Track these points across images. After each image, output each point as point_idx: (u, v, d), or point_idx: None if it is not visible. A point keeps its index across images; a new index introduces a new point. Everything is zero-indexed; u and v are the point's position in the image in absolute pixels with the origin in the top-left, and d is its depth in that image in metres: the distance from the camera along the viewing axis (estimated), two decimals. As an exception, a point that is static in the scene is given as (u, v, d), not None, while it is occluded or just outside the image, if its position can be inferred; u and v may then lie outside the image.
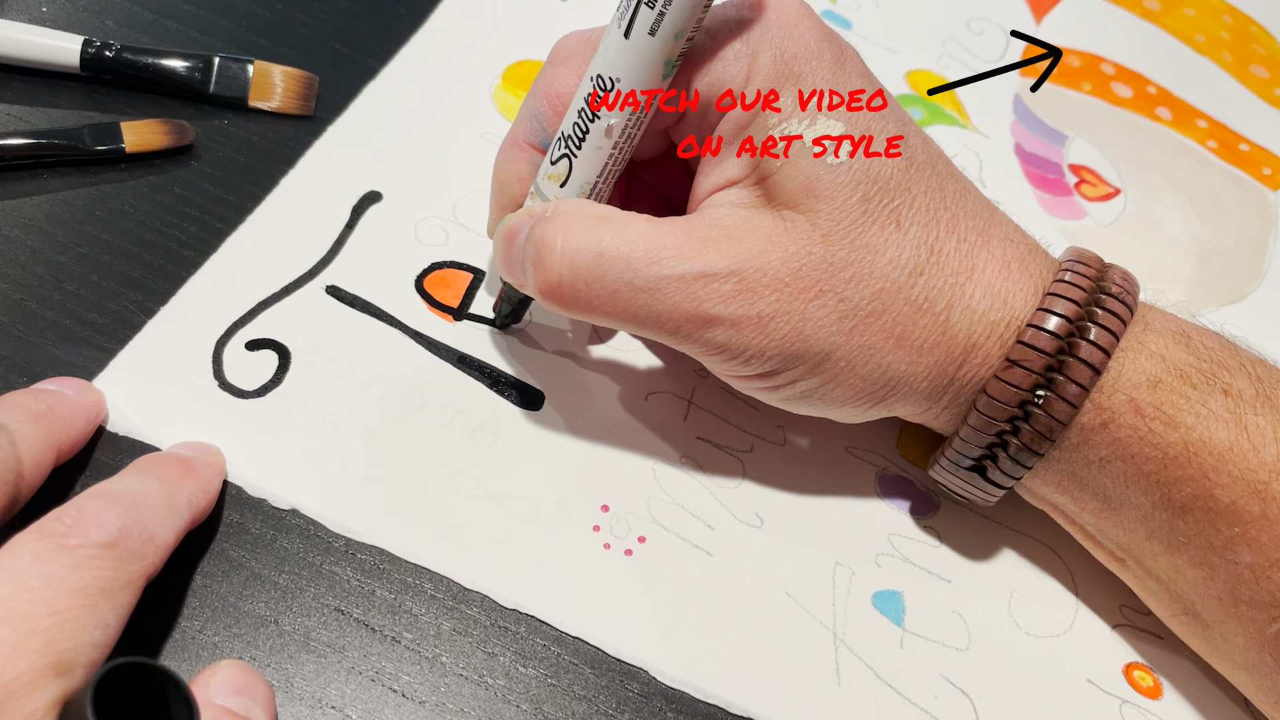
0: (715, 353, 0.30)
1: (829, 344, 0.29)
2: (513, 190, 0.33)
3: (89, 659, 0.23)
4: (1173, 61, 0.52)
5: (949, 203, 0.30)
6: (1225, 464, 0.28)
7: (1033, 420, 0.29)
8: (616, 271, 0.29)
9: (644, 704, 0.30)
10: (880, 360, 0.30)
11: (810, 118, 0.29)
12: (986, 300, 0.30)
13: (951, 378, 0.30)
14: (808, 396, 0.31)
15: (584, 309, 0.30)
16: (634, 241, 0.29)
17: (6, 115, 0.37)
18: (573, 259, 0.29)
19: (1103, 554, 0.33)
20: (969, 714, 0.31)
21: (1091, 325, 0.29)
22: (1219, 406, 0.29)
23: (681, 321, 0.29)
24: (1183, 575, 0.30)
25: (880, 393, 0.31)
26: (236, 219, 0.36)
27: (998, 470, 0.31)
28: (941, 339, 0.30)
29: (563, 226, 0.29)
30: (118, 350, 0.33)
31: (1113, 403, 0.29)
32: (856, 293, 0.29)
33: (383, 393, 0.34)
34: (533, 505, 0.32)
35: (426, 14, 0.44)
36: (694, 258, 0.29)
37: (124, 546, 0.25)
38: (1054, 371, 0.29)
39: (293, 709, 0.28)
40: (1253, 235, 0.46)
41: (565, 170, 0.30)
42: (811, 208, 0.29)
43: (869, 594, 0.33)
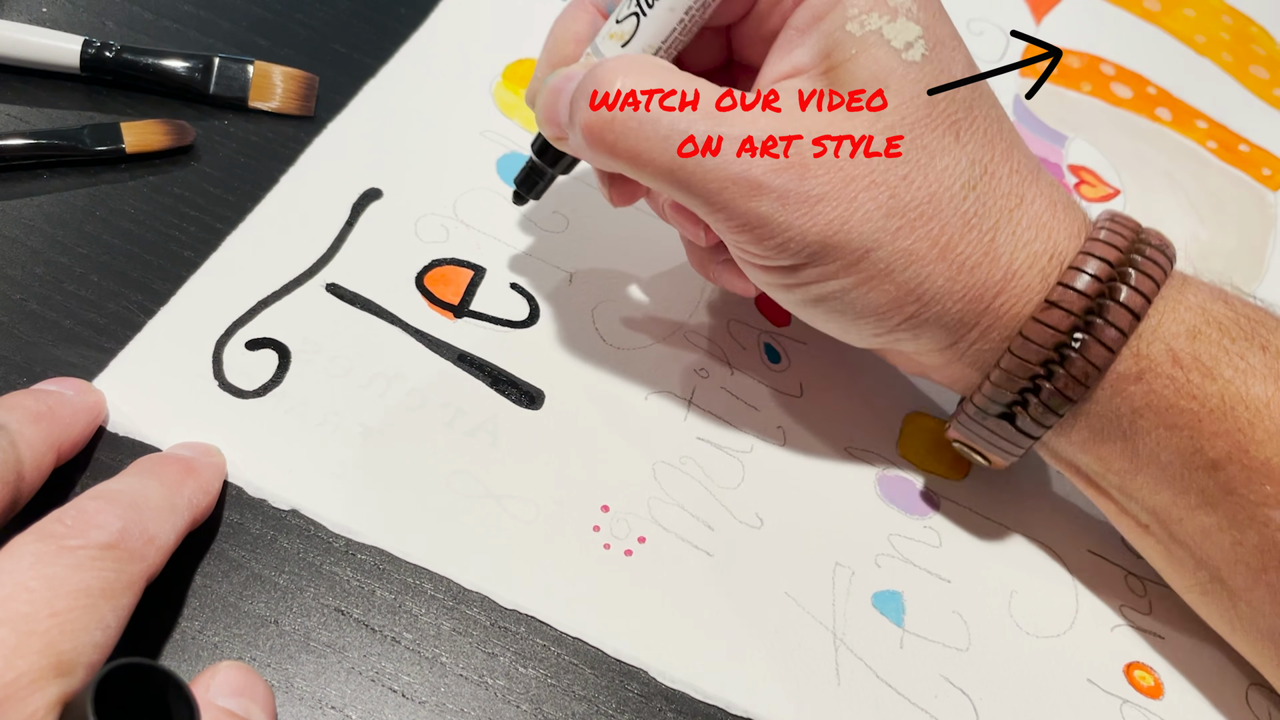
0: (754, 229, 0.29)
1: (871, 240, 0.28)
2: (567, 49, 0.32)
3: (89, 660, 0.23)
4: (1172, 62, 0.52)
5: (1005, 134, 0.30)
6: (1262, 419, 0.28)
7: (1068, 364, 0.29)
8: (673, 115, 0.28)
9: (644, 704, 0.30)
10: (920, 269, 0.29)
11: (891, 14, 0.29)
12: (1032, 230, 0.30)
13: (986, 306, 0.30)
14: (834, 299, 0.30)
15: (628, 154, 0.28)
16: (696, 94, 0.28)
17: (6, 115, 0.37)
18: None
19: (1125, 520, 0.32)
20: (969, 714, 0.31)
21: (1133, 271, 0.29)
22: (1258, 361, 0.29)
23: (726, 183, 0.28)
24: (1210, 538, 0.30)
25: (911, 307, 0.30)
26: (236, 219, 0.36)
27: (1027, 418, 0.30)
28: (984, 259, 0.29)
29: (625, 64, 0.28)
30: (118, 350, 0.33)
31: (1151, 351, 0.29)
32: (908, 192, 0.28)
33: (383, 392, 0.34)
34: (533, 505, 0.32)
35: (426, 13, 0.44)
36: (754, 121, 0.28)
37: (124, 547, 0.25)
38: (1093, 315, 0.29)
39: (293, 709, 0.28)
40: (1253, 236, 0.46)
41: (631, 29, 0.30)
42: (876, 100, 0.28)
43: (869, 594, 0.33)
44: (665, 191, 0.29)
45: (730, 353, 0.37)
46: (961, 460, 0.37)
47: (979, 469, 0.36)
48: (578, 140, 0.29)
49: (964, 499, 0.36)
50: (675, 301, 0.38)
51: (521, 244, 0.38)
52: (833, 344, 0.38)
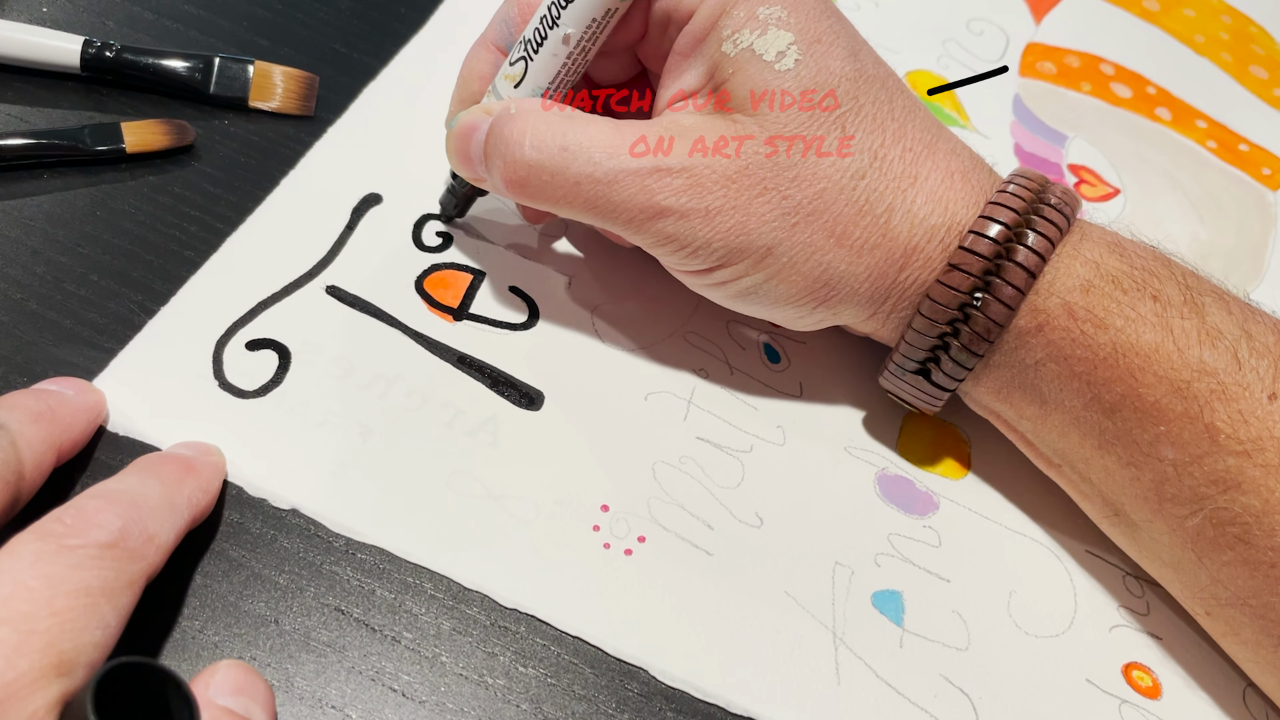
0: (665, 243, 0.32)
1: (771, 239, 0.31)
2: (473, 87, 0.35)
3: (90, 659, 0.23)
4: (1172, 62, 0.52)
5: (896, 115, 0.32)
6: (1151, 364, 0.30)
7: (971, 322, 0.31)
8: (578, 165, 0.31)
9: (644, 704, 0.30)
10: (820, 258, 0.31)
11: (761, 28, 0.31)
12: (928, 206, 0.32)
13: (893, 281, 0.32)
14: (752, 293, 0.32)
15: (547, 199, 0.32)
16: (595, 137, 0.31)
17: (7, 115, 0.37)
18: (539, 152, 0.31)
19: (1041, 460, 0.35)
20: (969, 714, 0.31)
21: (1029, 232, 0.31)
22: (1147, 310, 0.30)
23: (635, 212, 0.31)
24: (1112, 476, 0.32)
25: (822, 292, 0.32)
26: (237, 219, 0.37)
27: (940, 372, 0.33)
28: (882, 240, 0.31)
29: (530, 122, 0.31)
30: (118, 350, 0.33)
31: (1047, 305, 0.31)
32: (799, 191, 0.31)
33: (383, 393, 0.34)
34: (533, 505, 0.32)
35: (427, 14, 0.44)
36: (648, 155, 0.31)
37: (124, 546, 0.25)
38: (992, 275, 0.31)
39: (293, 709, 0.28)
40: (1252, 235, 0.46)
41: (521, 72, 0.32)
42: (760, 111, 0.30)
43: (869, 594, 0.33)
44: (583, 220, 0.32)
45: (730, 353, 0.37)
46: (962, 460, 0.37)
47: (979, 468, 0.36)
48: (497, 186, 0.33)
49: (964, 499, 0.36)
50: (674, 302, 0.38)
51: (520, 247, 0.38)
52: (832, 344, 0.38)
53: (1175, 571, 0.32)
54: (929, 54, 0.49)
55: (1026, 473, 0.37)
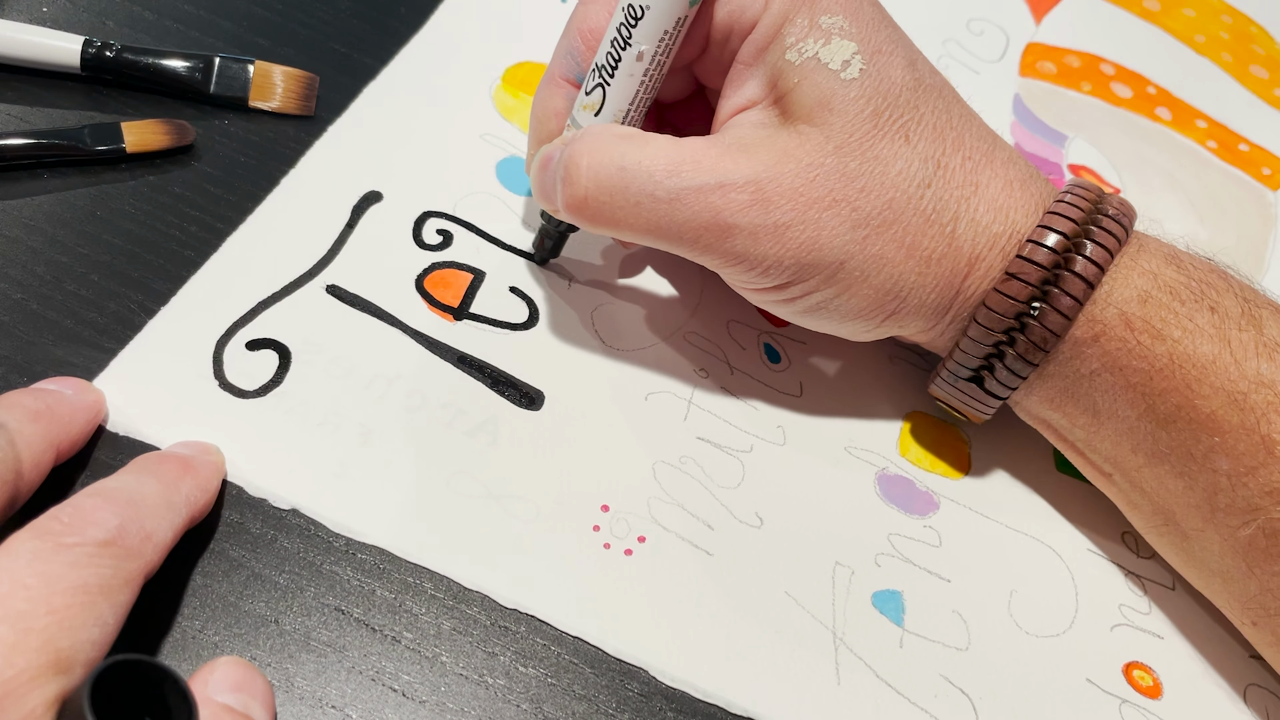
0: (734, 262, 0.31)
1: (843, 253, 0.30)
2: (550, 125, 0.34)
3: (87, 657, 0.23)
4: (1172, 62, 0.52)
5: (954, 123, 0.32)
6: (1208, 376, 0.30)
7: (1028, 331, 0.31)
8: (638, 184, 0.30)
9: (644, 704, 0.30)
10: (892, 270, 0.31)
11: (825, 37, 0.30)
12: (990, 214, 0.31)
13: (957, 290, 0.32)
14: (822, 308, 0.32)
15: (608, 221, 0.31)
16: (655, 156, 0.30)
17: (7, 115, 0.37)
18: (597, 173, 0.30)
19: (1091, 470, 0.34)
20: (969, 714, 0.31)
21: (1088, 242, 0.31)
22: (1205, 322, 0.30)
23: (701, 231, 0.30)
24: (1165, 486, 0.32)
25: (891, 304, 0.32)
26: (237, 219, 0.37)
27: (994, 380, 0.33)
28: (948, 250, 0.31)
29: (589, 145, 0.31)
30: (118, 350, 0.33)
31: (1105, 315, 0.31)
32: (868, 202, 0.30)
33: (383, 393, 0.34)
34: (533, 505, 0.32)
35: (427, 15, 0.44)
36: (712, 170, 0.30)
37: (122, 545, 0.25)
38: (1050, 285, 0.31)
39: (293, 708, 0.28)
40: (1252, 235, 0.46)
41: (599, 99, 0.32)
42: (825, 121, 0.30)
43: (869, 594, 0.33)
44: (650, 244, 0.32)
45: (730, 353, 0.37)
46: (961, 460, 0.37)
47: (979, 468, 0.36)
48: (567, 211, 0.32)
49: (964, 499, 0.36)
50: (675, 302, 0.38)
51: (521, 247, 0.38)
52: (832, 344, 0.38)
53: (1224, 581, 0.32)
54: (929, 54, 0.49)
55: (1026, 473, 0.37)
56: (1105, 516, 0.36)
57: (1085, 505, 0.36)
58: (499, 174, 0.40)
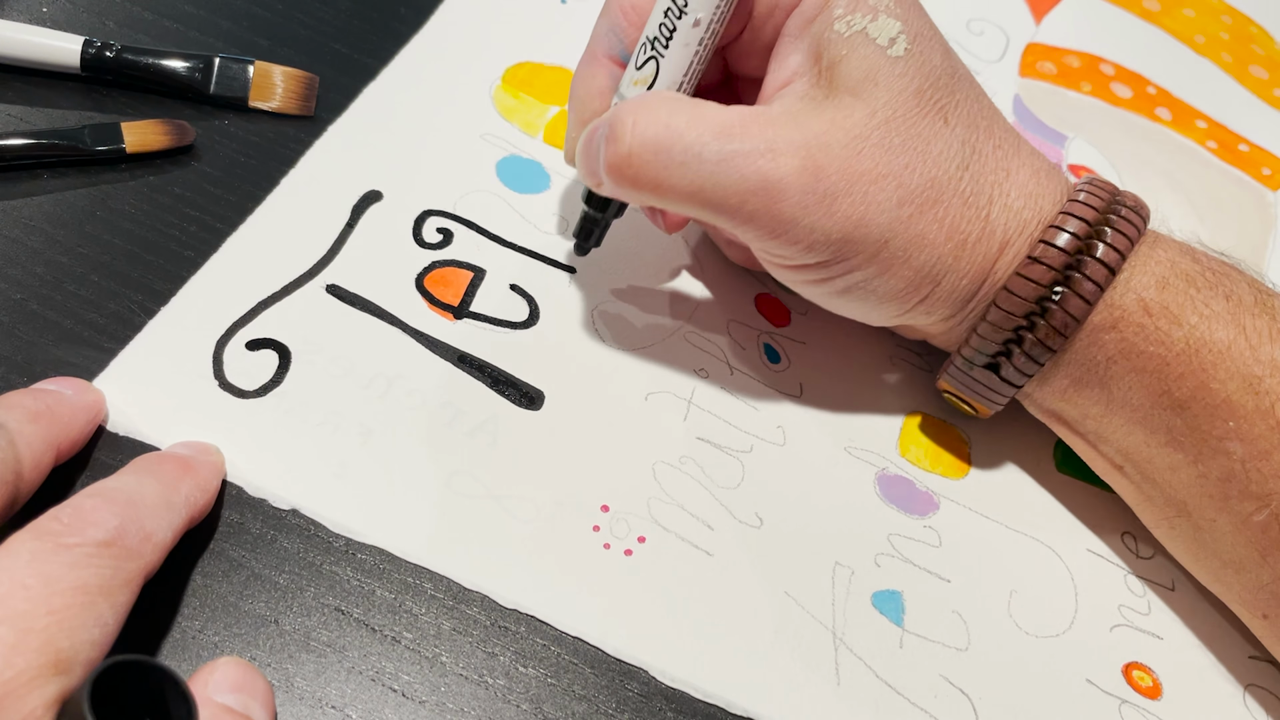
0: (779, 233, 0.30)
1: (888, 230, 0.30)
2: (594, 105, 0.33)
3: (87, 657, 0.23)
4: (1172, 62, 0.52)
5: (986, 111, 0.33)
6: (1224, 360, 0.30)
7: (1049, 316, 0.31)
8: (685, 143, 0.29)
9: (644, 704, 0.30)
10: (932, 252, 0.31)
11: (872, 13, 0.30)
12: (1021, 199, 0.32)
13: (985, 276, 0.32)
14: (857, 289, 0.32)
15: (651, 183, 0.30)
16: (704, 117, 0.30)
17: (7, 115, 0.37)
18: (643, 131, 0.29)
19: (1102, 462, 0.35)
20: (969, 714, 0.31)
21: (1109, 229, 0.31)
22: (1220, 308, 0.31)
23: (748, 195, 0.29)
24: (1178, 475, 0.32)
25: (926, 287, 0.32)
26: (237, 219, 0.36)
27: (1011, 367, 0.33)
28: (983, 234, 0.31)
29: (635, 105, 0.30)
30: (118, 350, 0.33)
31: (1124, 301, 0.31)
32: (912, 179, 0.30)
33: (383, 392, 0.34)
34: (533, 505, 0.32)
35: (427, 15, 0.44)
36: (761, 135, 0.29)
37: (121, 545, 0.25)
38: (1071, 270, 0.31)
39: (293, 709, 0.28)
40: (1252, 235, 0.46)
41: (653, 72, 0.31)
42: (871, 94, 0.30)
43: (869, 594, 0.33)
44: (693, 214, 0.31)
45: (730, 353, 0.37)
46: (962, 460, 0.37)
47: (979, 468, 0.36)
48: (606, 181, 0.31)
49: (964, 499, 0.36)
50: (675, 302, 0.38)
51: (521, 246, 0.38)
52: (832, 344, 0.38)
53: (1236, 572, 0.32)
54: (929, 54, 0.49)
55: (1027, 473, 0.37)
56: (1105, 517, 0.36)
57: (1085, 505, 0.36)
58: (499, 173, 0.40)
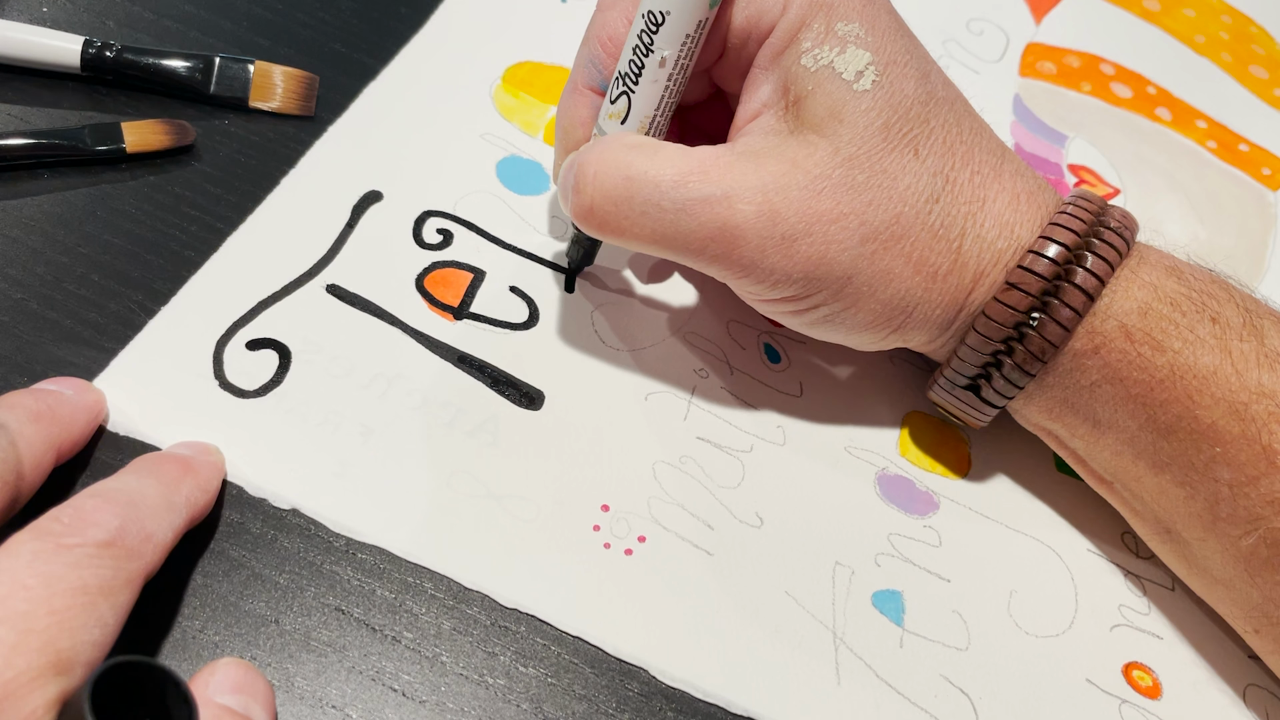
0: (742, 274, 0.31)
1: (851, 267, 0.30)
2: (577, 134, 0.34)
3: (88, 658, 0.23)
4: (1172, 62, 0.52)
5: (965, 137, 0.32)
6: (1209, 386, 0.30)
7: (1026, 341, 0.31)
8: (644, 194, 0.30)
9: (644, 704, 0.30)
10: (899, 286, 0.31)
11: (840, 45, 0.30)
12: (995, 230, 0.31)
13: (961, 306, 0.32)
14: (830, 321, 0.32)
15: (615, 231, 0.31)
16: (661, 166, 0.30)
17: (7, 115, 0.37)
18: (602, 182, 0.30)
19: (1093, 478, 0.35)
20: (969, 714, 0.31)
21: (1089, 254, 0.31)
22: (1206, 333, 0.30)
23: (707, 241, 0.30)
24: (1166, 495, 0.32)
25: (898, 319, 0.32)
26: (237, 219, 0.37)
27: (991, 389, 0.33)
28: (954, 266, 0.31)
29: (596, 154, 0.31)
30: (118, 350, 0.33)
31: (1105, 328, 0.31)
32: (876, 216, 0.30)
33: (383, 392, 0.34)
34: (533, 505, 0.32)
35: (427, 14, 0.44)
36: (720, 180, 0.30)
37: (122, 545, 0.25)
38: (1050, 296, 0.31)
39: (293, 708, 0.28)
40: (1252, 235, 0.46)
41: (625, 107, 0.32)
42: (835, 131, 0.30)
43: (869, 594, 0.33)
44: (658, 255, 0.32)
45: (730, 353, 0.37)
46: (962, 460, 0.37)
47: (979, 468, 0.36)
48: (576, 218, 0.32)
49: (964, 499, 0.36)
50: (675, 302, 0.38)
51: (521, 247, 0.38)
52: (833, 345, 0.38)
53: (1226, 589, 0.32)
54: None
55: (1026, 473, 0.37)
56: (1105, 517, 0.36)
57: (1085, 506, 0.36)
58: (499, 173, 0.40)
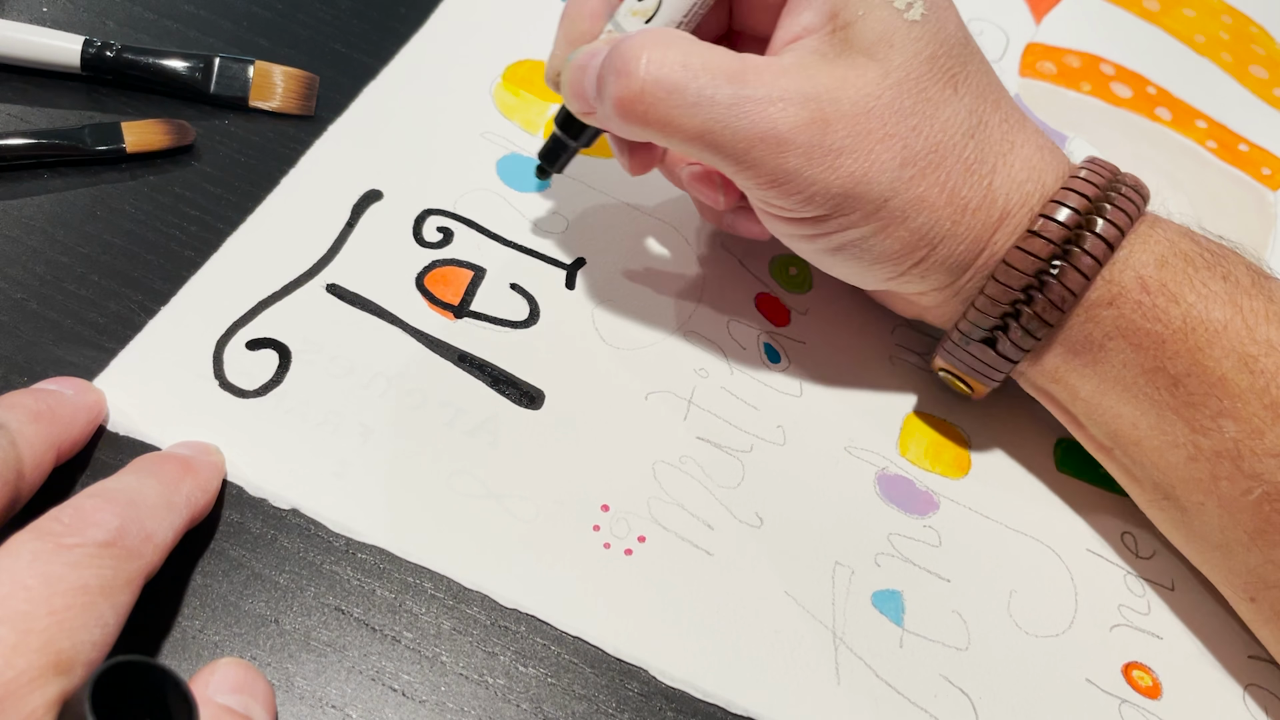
0: (780, 183, 0.30)
1: (889, 189, 0.31)
2: (583, 26, 0.33)
3: (88, 658, 0.23)
4: (1172, 62, 0.52)
5: (994, 85, 0.33)
6: (1220, 338, 0.31)
7: (1047, 290, 0.31)
8: (699, 84, 0.29)
9: (644, 704, 0.30)
10: (931, 214, 0.31)
11: None
12: (1024, 171, 0.32)
13: (984, 245, 0.32)
14: (853, 247, 0.32)
15: (659, 121, 0.30)
16: (719, 60, 0.30)
17: (7, 115, 0.37)
18: (658, 67, 0.30)
19: (1091, 444, 0.35)
20: (969, 714, 0.31)
21: (1109, 206, 0.31)
22: (1218, 288, 0.31)
23: (755, 142, 0.30)
24: (1165, 459, 0.32)
25: (922, 250, 0.32)
26: (237, 219, 0.37)
27: (1008, 341, 0.33)
28: (984, 202, 0.32)
29: (649, 40, 0.30)
30: (118, 350, 0.33)
31: (1122, 278, 0.31)
32: (918, 140, 0.31)
33: (383, 392, 0.34)
34: (533, 505, 0.32)
35: (427, 14, 0.44)
36: (774, 83, 0.30)
37: (122, 545, 0.25)
38: (1071, 244, 0.31)
39: (293, 708, 0.28)
40: (1252, 235, 0.46)
41: (653, 6, 0.31)
42: (885, 56, 0.31)
43: (869, 594, 0.33)
44: (696, 155, 0.31)
45: (730, 353, 0.37)
46: (962, 460, 0.37)
47: (979, 468, 0.36)
48: (607, 113, 0.31)
49: (964, 499, 0.36)
50: (675, 301, 0.38)
51: (522, 245, 0.38)
52: (833, 344, 0.38)
53: (1224, 554, 0.32)
54: (929, 54, 0.49)
55: (1027, 473, 0.37)
56: (1105, 517, 0.36)
57: (1085, 506, 0.36)
58: (500, 171, 0.40)
